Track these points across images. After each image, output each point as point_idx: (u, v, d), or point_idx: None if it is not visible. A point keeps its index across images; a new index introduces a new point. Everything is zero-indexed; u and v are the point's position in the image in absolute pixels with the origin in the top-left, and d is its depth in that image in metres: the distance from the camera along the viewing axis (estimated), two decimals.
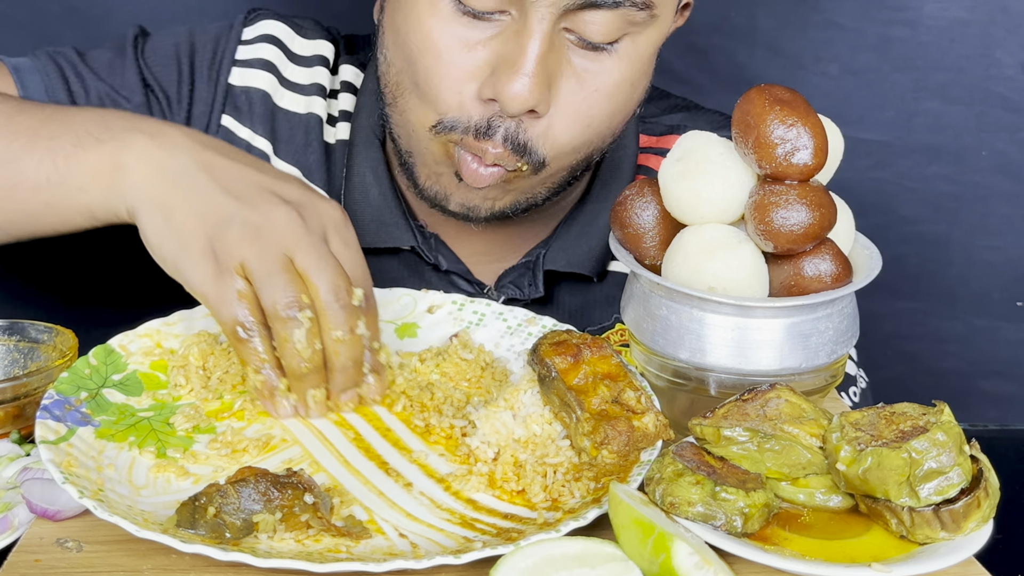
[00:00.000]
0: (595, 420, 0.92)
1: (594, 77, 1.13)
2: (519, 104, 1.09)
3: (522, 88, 1.08)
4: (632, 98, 1.18)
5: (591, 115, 1.14)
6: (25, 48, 1.68)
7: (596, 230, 1.30)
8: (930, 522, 0.82)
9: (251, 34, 1.33)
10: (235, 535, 0.83)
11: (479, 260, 1.32)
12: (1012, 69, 1.88)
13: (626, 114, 1.19)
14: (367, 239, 1.27)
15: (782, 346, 0.96)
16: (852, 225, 1.03)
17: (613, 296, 1.32)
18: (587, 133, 1.15)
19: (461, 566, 0.81)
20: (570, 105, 1.13)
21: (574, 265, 1.30)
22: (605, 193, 1.31)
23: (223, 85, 1.31)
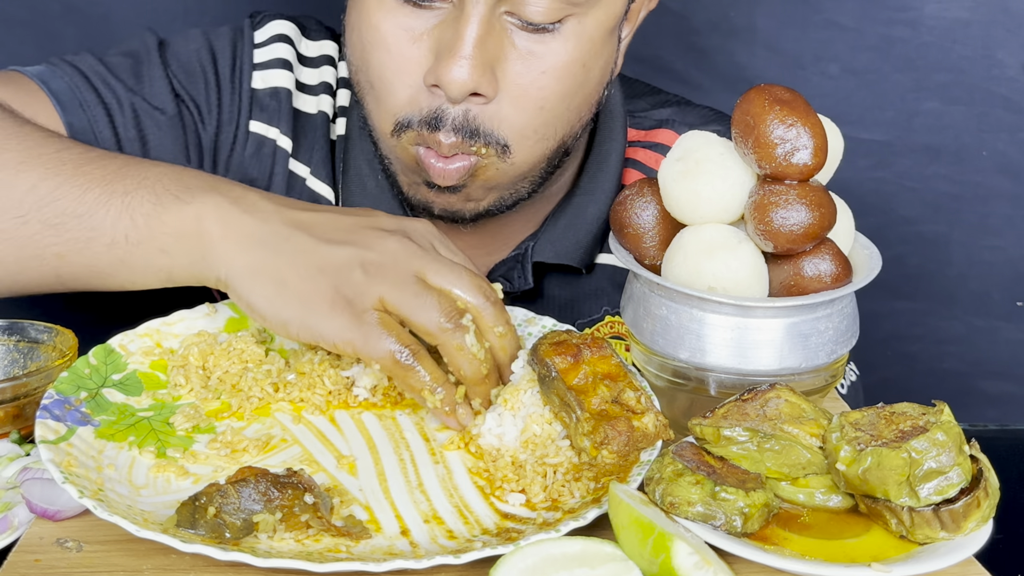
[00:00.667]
0: (595, 420, 0.92)
1: (540, 59, 1.13)
2: (458, 87, 1.10)
3: (460, 71, 1.09)
4: (587, 80, 1.17)
5: (542, 96, 1.14)
6: (25, 47, 1.68)
7: (584, 222, 1.30)
8: (930, 522, 0.82)
9: (263, 36, 1.33)
10: (235, 535, 0.83)
11: (471, 254, 1.31)
12: (1013, 69, 1.88)
13: (585, 97, 1.18)
14: None
15: (782, 346, 0.96)
16: (852, 225, 1.03)
17: (602, 289, 1.33)
18: (543, 115, 1.15)
19: (461, 566, 0.81)
20: (518, 87, 1.13)
21: (562, 256, 1.30)
22: (592, 186, 1.31)
23: (247, 91, 1.31)
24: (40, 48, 1.79)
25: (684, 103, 1.40)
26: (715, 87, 1.88)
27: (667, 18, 1.86)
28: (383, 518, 0.88)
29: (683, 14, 1.86)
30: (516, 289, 1.30)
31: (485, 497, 0.92)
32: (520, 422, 0.96)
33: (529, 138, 1.16)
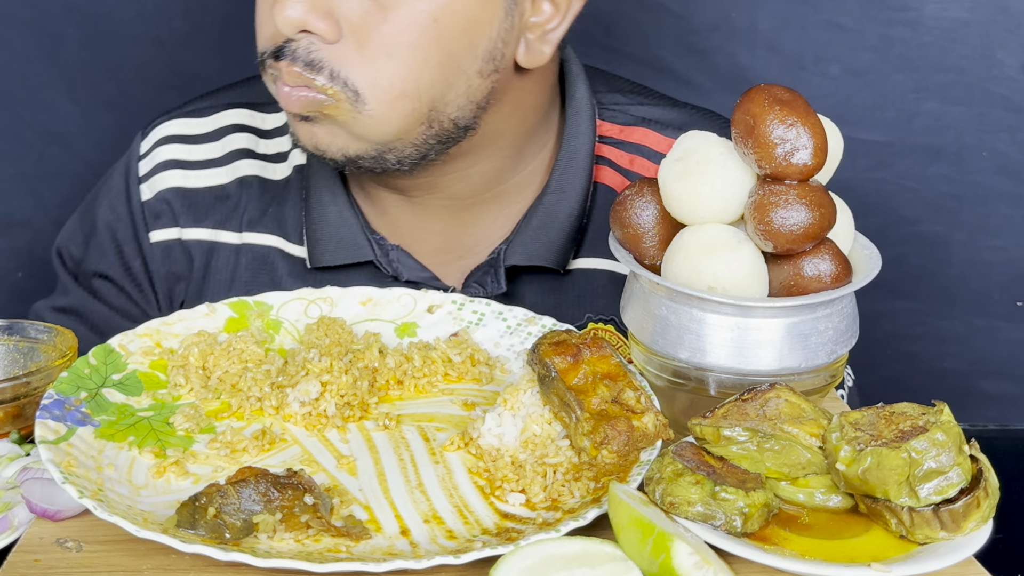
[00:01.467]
0: (595, 420, 0.92)
1: (384, 6, 1.14)
2: (284, 21, 1.13)
3: (288, 8, 1.12)
4: (443, 38, 1.16)
5: (388, 43, 1.14)
6: (28, 45, 1.69)
7: (556, 221, 1.30)
8: (930, 522, 0.82)
9: (147, 145, 1.39)
10: (235, 535, 0.83)
11: (444, 260, 1.33)
12: (1013, 69, 1.88)
13: (449, 57, 1.17)
14: (327, 257, 1.31)
15: (782, 346, 0.96)
16: (852, 225, 1.03)
17: (584, 294, 1.32)
18: (392, 64, 1.15)
19: (461, 566, 0.81)
20: (361, 31, 1.14)
21: (535, 258, 1.29)
22: (562, 183, 1.30)
23: (137, 209, 1.37)
24: (42, 47, 1.79)
25: (668, 102, 1.39)
26: (715, 88, 1.88)
27: (667, 19, 1.86)
28: (383, 518, 0.88)
29: (683, 15, 1.86)
30: (489, 294, 1.29)
31: (485, 497, 0.92)
32: (520, 422, 0.96)
33: (384, 91, 1.16)
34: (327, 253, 1.30)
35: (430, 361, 1.08)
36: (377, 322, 1.15)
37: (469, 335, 1.13)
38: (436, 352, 1.09)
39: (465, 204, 1.30)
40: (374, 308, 1.16)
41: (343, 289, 1.16)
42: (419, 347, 1.10)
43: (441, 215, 1.31)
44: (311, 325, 1.12)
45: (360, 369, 1.05)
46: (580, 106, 1.32)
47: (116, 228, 1.38)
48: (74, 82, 1.81)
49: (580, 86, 1.33)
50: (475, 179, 1.29)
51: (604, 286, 1.31)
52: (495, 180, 1.30)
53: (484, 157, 1.27)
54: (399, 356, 1.08)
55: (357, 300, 1.16)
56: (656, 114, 1.36)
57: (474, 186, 1.29)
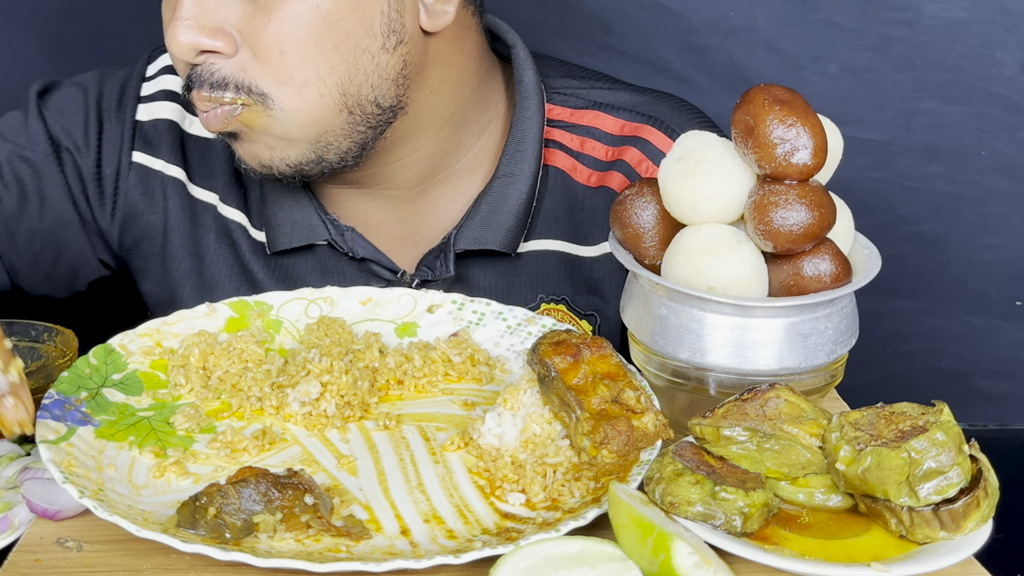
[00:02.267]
0: (595, 420, 0.92)
1: (265, 9, 1.15)
2: (180, 48, 1.14)
3: (179, 34, 1.14)
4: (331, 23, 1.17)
5: (277, 42, 1.16)
6: (29, 45, 1.69)
7: (506, 205, 1.30)
8: (929, 522, 0.82)
9: (153, 69, 1.39)
10: (235, 535, 0.83)
11: (399, 246, 1.34)
12: (1011, 69, 1.88)
13: (339, 40, 1.18)
14: (283, 240, 1.32)
15: (781, 346, 0.96)
16: (851, 225, 1.03)
17: (535, 276, 1.33)
18: (287, 59, 1.16)
19: (461, 566, 0.82)
20: (253, 37, 1.16)
21: (484, 242, 1.30)
22: (511, 167, 1.31)
23: (130, 123, 1.36)
24: (43, 46, 1.79)
25: (624, 86, 1.38)
26: (714, 87, 1.88)
27: (666, 18, 1.86)
28: (383, 518, 0.89)
29: (682, 14, 1.86)
30: (437, 277, 1.30)
31: (485, 497, 0.92)
32: (520, 422, 0.96)
33: (287, 84, 1.17)
34: (283, 237, 1.32)
35: (430, 361, 1.08)
36: (377, 322, 1.15)
37: (469, 335, 1.13)
38: (436, 352, 1.09)
39: (413, 192, 1.31)
40: (374, 308, 1.16)
41: (343, 289, 1.17)
42: (419, 347, 1.11)
43: (391, 204, 1.32)
44: (311, 325, 1.12)
45: (360, 369, 1.05)
46: (528, 91, 1.32)
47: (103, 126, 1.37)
48: None
49: (527, 71, 1.33)
50: (419, 164, 1.29)
51: (555, 267, 1.32)
52: (439, 164, 1.31)
53: (423, 140, 1.28)
54: (399, 356, 1.08)
55: (357, 300, 1.16)
56: (609, 97, 1.36)
57: (419, 172, 1.30)
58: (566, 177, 1.32)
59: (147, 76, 1.38)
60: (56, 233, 1.36)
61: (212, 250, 1.36)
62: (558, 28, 1.42)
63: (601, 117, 1.34)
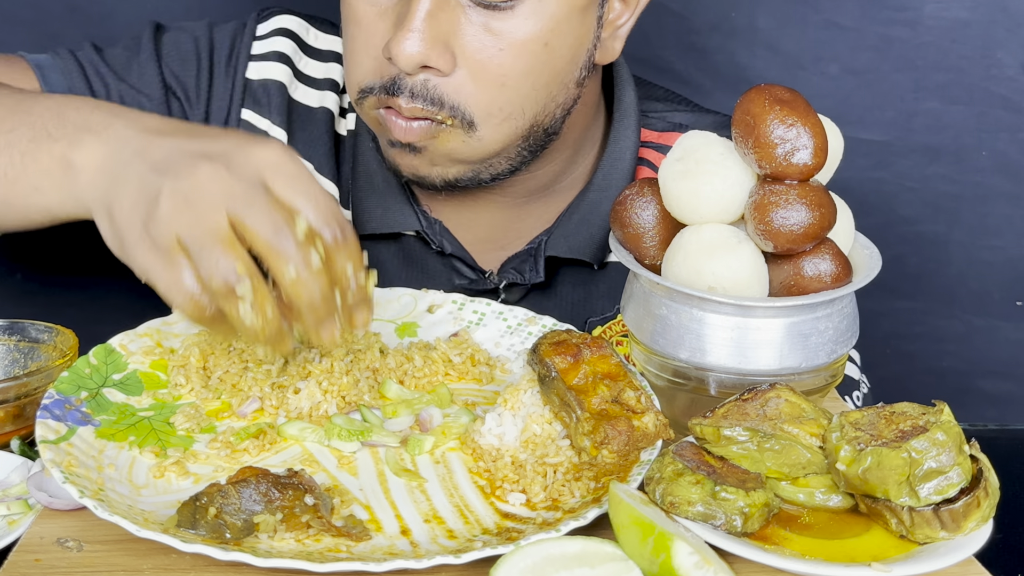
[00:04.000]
0: (595, 420, 0.92)
1: (497, 36, 1.14)
2: (405, 59, 1.12)
3: (408, 44, 1.11)
4: (552, 59, 1.17)
5: (503, 73, 1.15)
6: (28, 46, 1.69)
7: (597, 218, 1.31)
8: (930, 522, 0.82)
9: (265, 29, 1.36)
10: (236, 535, 0.83)
11: (483, 248, 1.33)
12: (1012, 69, 1.88)
13: (553, 76, 1.19)
14: (373, 224, 1.31)
15: (782, 346, 0.96)
16: (852, 225, 1.03)
17: (616, 287, 1.33)
18: (506, 92, 1.16)
19: (461, 566, 0.82)
20: (476, 63, 1.15)
21: (575, 251, 1.31)
22: (606, 183, 1.32)
23: (240, 80, 1.33)
24: (43, 48, 1.79)
25: (699, 108, 1.41)
26: (715, 87, 1.88)
27: (668, 18, 1.86)
28: (383, 518, 0.89)
29: (684, 14, 1.86)
30: (527, 282, 1.31)
31: (485, 497, 0.92)
32: (520, 422, 0.96)
33: (495, 116, 1.17)
34: (374, 220, 1.31)
35: (430, 361, 1.08)
36: (377, 322, 1.15)
37: (469, 335, 1.13)
38: (436, 352, 1.09)
39: (518, 202, 1.32)
40: (374, 308, 1.16)
41: None
42: (419, 347, 1.11)
43: (490, 208, 1.32)
44: None
45: (361, 370, 1.05)
46: (628, 109, 1.34)
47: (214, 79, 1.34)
48: None
49: (628, 90, 1.34)
50: (538, 180, 1.30)
51: None
52: (553, 180, 1.32)
53: (551, 160, 1.29)
54: (400, 356, 1.08)
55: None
56: (690, 120, 1.38)
57: (535, 186, 1.31)
58: None
59: (258, 35, 1.36)
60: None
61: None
62: None
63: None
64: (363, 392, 1.03)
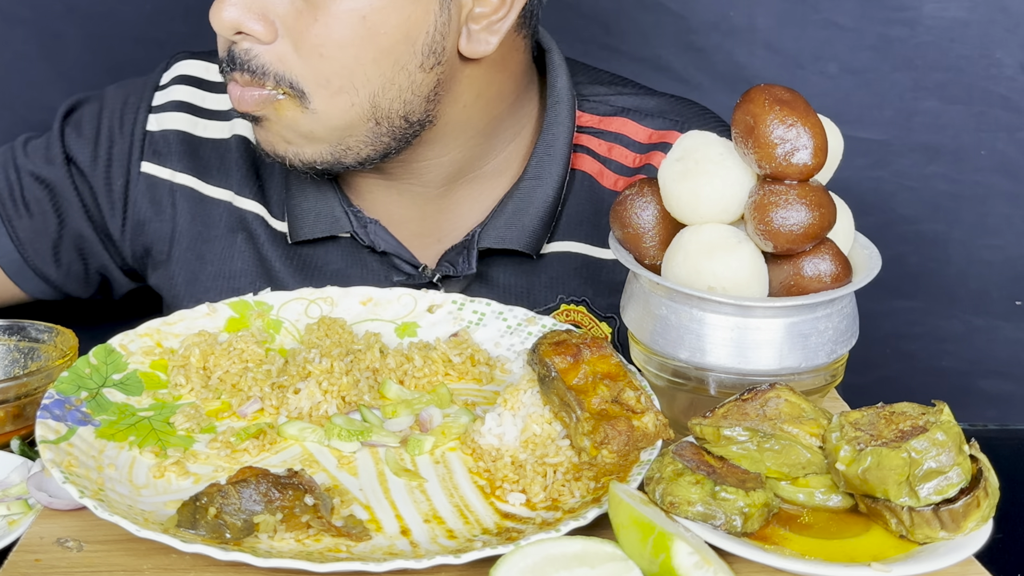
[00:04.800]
0: (595, 420, 0.92)
1: (314, 6, 1.16)
2: (220, 24, 1.16)
3: (225, 12, 1.16)
4: (375, 35, 1.18)
5: (319, 43, 1.17)
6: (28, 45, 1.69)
7: (532, 207, 1.31)
8: (930, 522, 0.82)
9: (167, 78, 1.41)
10: (236, 535, 0.83)
11: (422, 243, 1.34)
12: (1011, 69, 1.88)
13: (383, 54, 1.19)
14: (306, 230, 1.33)
15: (782, 346, 0.96)
16: (851, 225, 1.03)
17: (557, 277, 1.34)
18: (327, 63, 1.18)
19: (461, 566, 0.82)
20: (295, 32, 1.17)
21: (508, 242, 1.31)
22: (540, 171, 1.32)
23: (140, 133, 1.39)
24: (43, 47, 1.79)
25: (646, 91, 1.40)
26: (714, 87, 1.88)
27: (666, 18, 1.86)
28: (383, 518, 0.89)
29: (682, 14, 1.86)
30: (459, 273, 1.31)
31: (485, 497, 0.92)
32: (520, 422, 0.96)
33: (324, 87, 1.19)
34: (306, 227, 1.32)
35: (430, 361, 1.08)
36: (377, 322, 1.15)
37: (469, 335, 1.13)
38: (436, 352, 1.09)
39: (439, 191, 1.32)
40: (374, 308, 1.16)
41: (344, 289, 1.17)
42: (419, 347, 1.11)
43: (416, 200, 1.33)
44: (311, 325, 1.12)
45: (361, 370, 1.05)
46: (560, 96, 1.33)
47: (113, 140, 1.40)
48: (75, 83, 1.81)
49: (561, 76, 1.34)
50: (446, 167, 1.31)
51: (576, 269, 1.34)
52: (467, 167, 1.32)
53: (452, 147, 1.29)
54: (399, 356, 1.08)
55: (357, 300, 1.16)
56: (635, 103, 1.37)
57: (446, 174, 1.31)
58: (592, 181, 1.33)
59: (160, 85, 1.41)
60: (80, 246, 1.40)
61: (226, 245, 1.36)
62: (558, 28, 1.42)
63: (629, 124, 1.36)
64: (363, 392, 1.03)
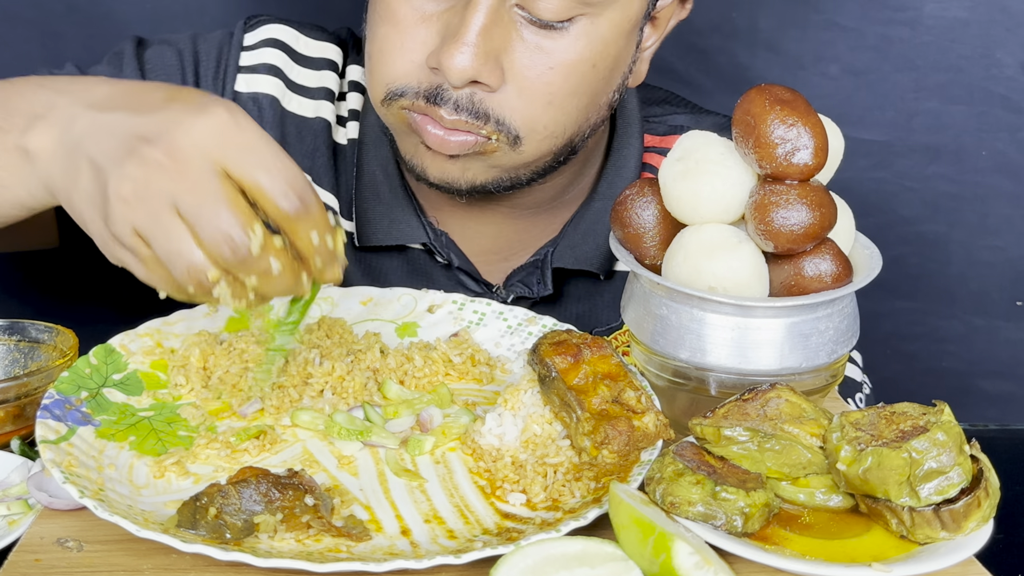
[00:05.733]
0: (595, 420, 0.92)
1: (548, 55, 1.13)
2: (457, 73, 1.10)
3: (461, 58, 1.09)
4: (596, 80, 1.17)
5: (550, 92, 1.14)
6: (30, 45, 1.69)
7: (603, 227, 1.30)
8: (930, 522, 0.82)
9: (254, 39, 1.33)
10: (236, 535, 0.83)
11: (488, 259, 1.33)
12: (1012, 69, 1.88)
13: (594, 96, 1.19)
14: (379, 236, 1.29)
15: (782, 346, 0.96)
16: (852, 225, 1.03)
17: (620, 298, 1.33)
18: (551, 111, 1.15)
19: (461, 566, 0.82)
20: (525, 80, 1.13)
21: (581, 262, 1.30)
22: (611, 191, 1.31)
23: (229, 93, 1.31)
24: (44, 46, 1.79)
25: (698, 109, 1.41)
26: (716, 88, 1.88)
27: None
28: (384, 518, 0.89)
29: None
30: (535, 295, 1.30)
31: (486, 497, 0.92)
32: (520, 422, 0.96)
33: (539, 132, 1.16)
34: (379, 232, 1.29)
35: (431, 361, 1.08)
36: (378, 322, 1.15)
37: (469, 335, 1.13)
38: (437, 352, 1.09)
39: (526, 213, 1.31)
40: (375, 308, 1.16)
41: (344, 289, 1.16)
42: (420, 347, 1.11)
43: (498, 219, 1.31)
44: (312, 325, 1.12)
45: (361, 370, 1.05)
46: (631, 116, 1.34)
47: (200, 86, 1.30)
48: None
49: (631, 97, 1.34)
50: (546, 192, 1.29)
51: None
52: (561, 192, 1.31)
53: (563, 173, 1.28)
54: (400, 356, 1.08)
55: (358, 300, 1.16)
56: (690, 122, 1.37)
57: (542, 199, 1.30)
58: None
59: (246, 45, 1.33)
60: None
61: None
62: None
63: None
64: (367, 392, 1.03)
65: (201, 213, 0.83)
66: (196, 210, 0.83)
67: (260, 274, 0.85)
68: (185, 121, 0.85)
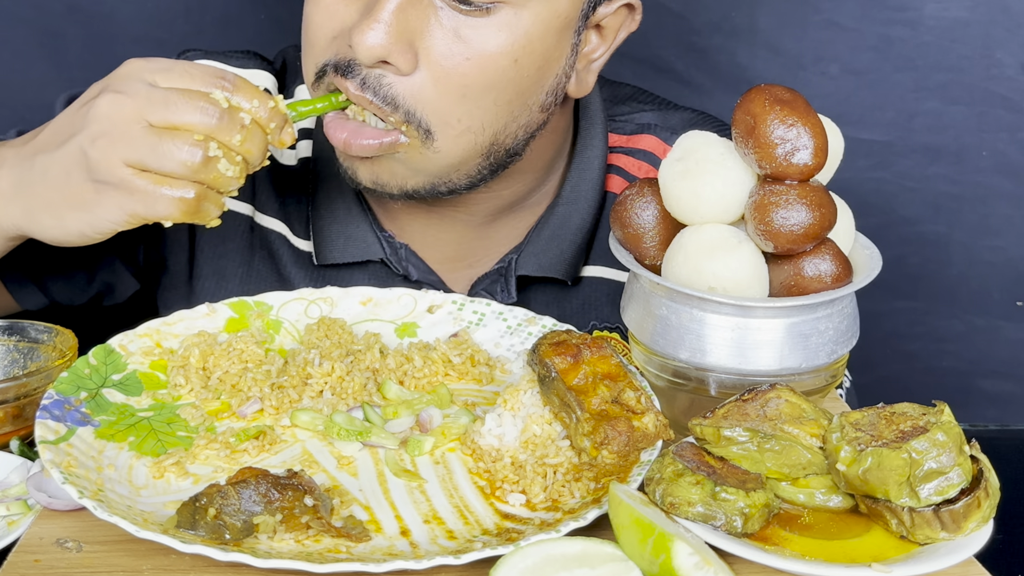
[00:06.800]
0: (595, 420, 0.92)
1: (467, 44, 1.10)
2: (366, 50, 1.08)
3: (371, 35, 1.07)
4: (520, 77, 1.14)
5: (465, 84, 1.11)
6: (29, 45, 1.69)
7: (568, 233, 1.29)
8: (930, 522, 0.82)
9: None
10: (235, 536, 0.83)
11: (451, 267, 1.31)
12: (1012, 69, 1.88)
13: (518, 95, 1.16)
14: (335, 255, 1.28)
15: (782, 346, 0.96)
16: (852, 225, 1.03)
17: (590, 302, 1.32)
18: (465, 104, 1.12)
19: (461, 566, 0.81)
20: (440, 69, 1.11)
21: (546, 269, 1.29)
22: (574, 195, 1.30)
23: None
24: (44, 46, 1.79)
25: (666, 105, 1.39)
26: (716, 88, 1.88)
27: (667, 19, 1.86)
28: (383, 518, 0.89)
29: (683, 15, 1.86)
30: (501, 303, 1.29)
31: (485, 497, 0.92)
32: (520, 422, 0.96)
33: (452, 127, 1.13)
34: (335, 250, 1.28)
35: (430, 362, 1.08)
36: (377, 322, 1.15)
37: (469, 335, 1.13)
38: (436, 353, 1.09)
39: (485, 219, 1.29)
40: (374, 308, 1.16)
41: (343, 289, 1.16)
42: (419, 347, 1.10)
43: (456, 227, 1.29)
44: (311, 325, 1.12)
45: (361, 371, 1.05)
46: (594, 118, 1.32)
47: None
48: (75, 82, 1.81)
49: (594, 98, 1.32)
50: (503, 199, 1.28)
51: (609, 295, 1.31)
52: (520, 198, 1.29)
53: (518, 180, 1.27)
54: (399, 356, 1.08)
55: (357, 300, 1.16)
56: (657, 119, 1.35)
57: (499, 205, 1.28)
58: None
59: None
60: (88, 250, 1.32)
61: (246, 264, 1.32)
62: None
63: (654, 141, 1.33)
64: (366, 393, 1.03)
65: (169, 108, 0.97)
66: (164, 109, 0.97)
67: (240, 130, 0.98)
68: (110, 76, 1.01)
